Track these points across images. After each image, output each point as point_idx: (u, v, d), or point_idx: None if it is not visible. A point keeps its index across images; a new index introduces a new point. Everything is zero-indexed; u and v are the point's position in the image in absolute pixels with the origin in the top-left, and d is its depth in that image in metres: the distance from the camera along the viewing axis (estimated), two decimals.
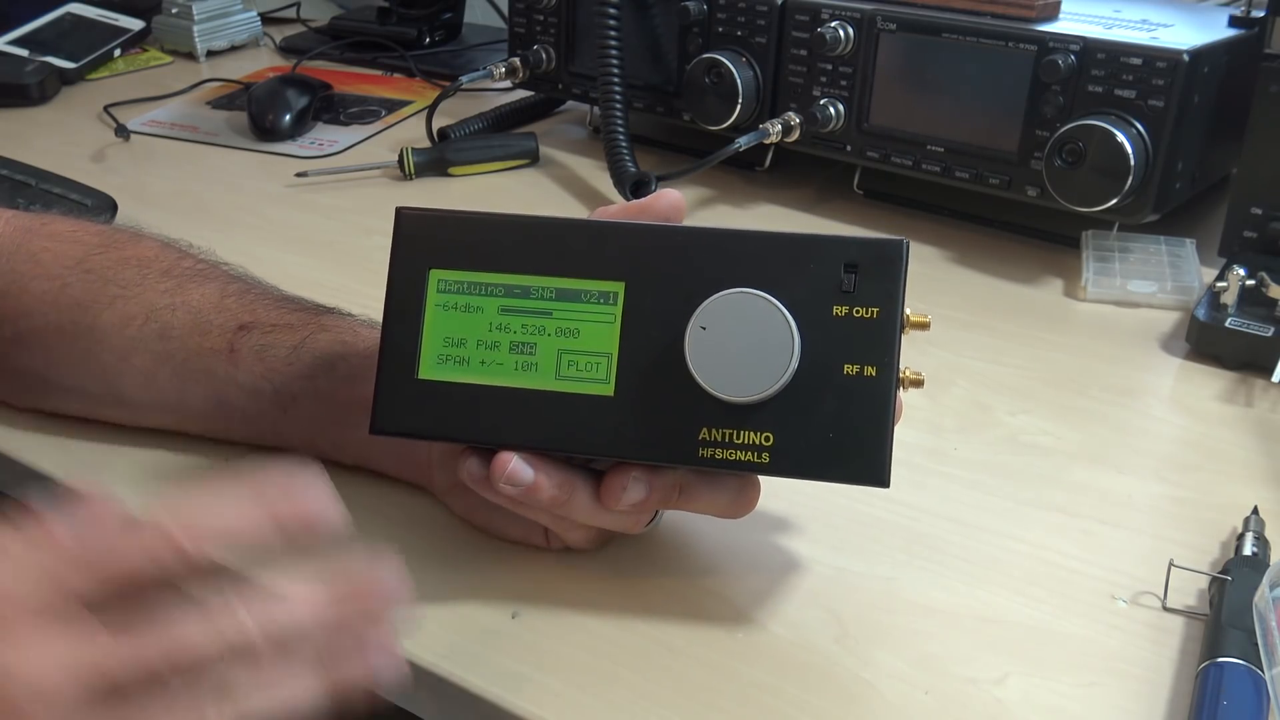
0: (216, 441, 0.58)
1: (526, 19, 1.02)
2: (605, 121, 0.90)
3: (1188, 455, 0.61)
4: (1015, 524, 0.55)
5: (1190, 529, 0.55)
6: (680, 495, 0.47)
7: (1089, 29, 0.78)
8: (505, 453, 0.45)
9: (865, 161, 0.87)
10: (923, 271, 0.80)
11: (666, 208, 0.49)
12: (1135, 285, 0.77)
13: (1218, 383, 0.68)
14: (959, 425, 0.63)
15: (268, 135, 1.04)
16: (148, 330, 0.56)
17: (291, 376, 0.55)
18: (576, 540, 0.51)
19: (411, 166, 0.96)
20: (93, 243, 0.59)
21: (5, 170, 0.85)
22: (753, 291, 0.44)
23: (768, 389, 0.44)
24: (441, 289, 0.47)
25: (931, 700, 0.45)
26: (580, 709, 0.45)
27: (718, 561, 0.52)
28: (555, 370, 0.46)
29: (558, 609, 0.49)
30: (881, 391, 0.44)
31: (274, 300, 0.58)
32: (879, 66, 0.84)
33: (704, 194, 0.93)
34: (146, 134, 1.06)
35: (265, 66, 1.27)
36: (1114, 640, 0.48)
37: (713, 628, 0.48)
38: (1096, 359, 0.70)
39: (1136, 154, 0.74)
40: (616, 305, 0.46)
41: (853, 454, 0.44)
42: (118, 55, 1.25)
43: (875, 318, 0.44)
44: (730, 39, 0.90)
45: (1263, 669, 0.44)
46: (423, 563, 0.52)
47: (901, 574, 0.52)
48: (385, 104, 1.14)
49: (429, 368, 0.47)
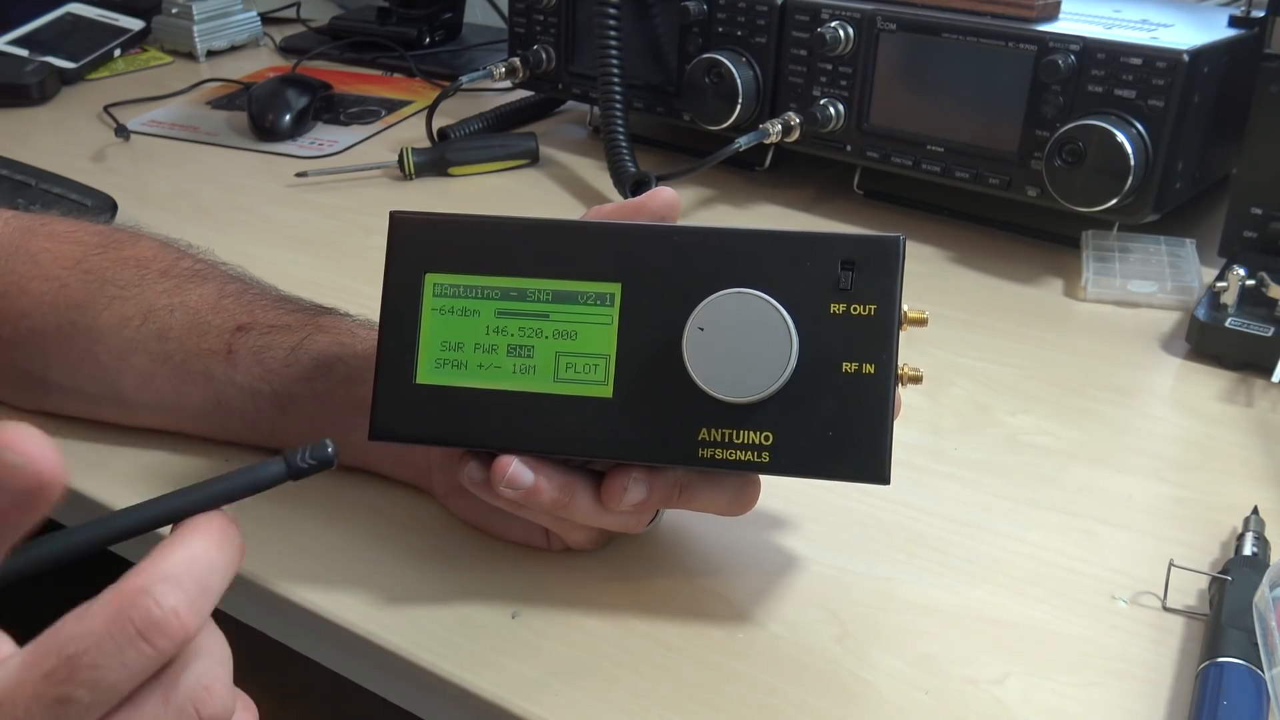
0: (215, 442, 0.58)
1: (526, 19, 1.02)
2: (605, 121, 0.90)
3: (1188, 455, 0.61)
4: (1015, 524, 0.55)
5: (1190, 529, 0.55)
6: (681, 495, 0.47)
7: (1089, 29, 0.78)
8: (505, 456, 0.45)
9: (865, 161, 0.87)
10: (922, 271, 0.80)
11: (661, 206, 0.49)
12: (1135, 285, 0.77)
13: (1218, 383, 0.68)
14: (959, 425, 0.63)
15: (268, 135, 1.04)
16: (146, 331, 0.56)
17: (289, 378, 0.54)
18: (577, 541, 0.51)
19: (411, 166, 0.96)
20: (91, 243, 0.59)
21: (5, 170, 0.85)
22: (750, 291, 0.44)
23: (766, 388, 0.44)
24: (437, 293, 0.47)
25: (931, 700, 0.45)
26: (580, 709, 0.45)
27: (718, 561, 0.52)
28: (553, 373, 0.46)
29: (558, 609, 0.49)
30: (880, 388, 0.44)
31: (272, 301, 0.58)
32: (879, 66, 0.84)
33: (704, 194, 0.93)
34: (146, 134, 1.06)
35: (265, 66, 1.26)
36: (1114, 640, 0.48)
37: (713, 628, 0.48)
38: (1096, 359, 0.70)
39: (1136, 154, 0.74)
40: (613, 307, 0.46)
41: (853, 451, 0.44)
42: (118, 55, 1.25)
43: (873, 315, 0.44)
44: (730, 39, 0.90)
45: (1263, 669, 0.44)
46: (423, 563, 0.52)
47: (901, 574, 0.52)
48: (385, 104, 1.14)
49: (427, 372, 0.47)
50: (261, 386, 0.55)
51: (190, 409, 0.57)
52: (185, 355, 0.56)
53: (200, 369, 0.56)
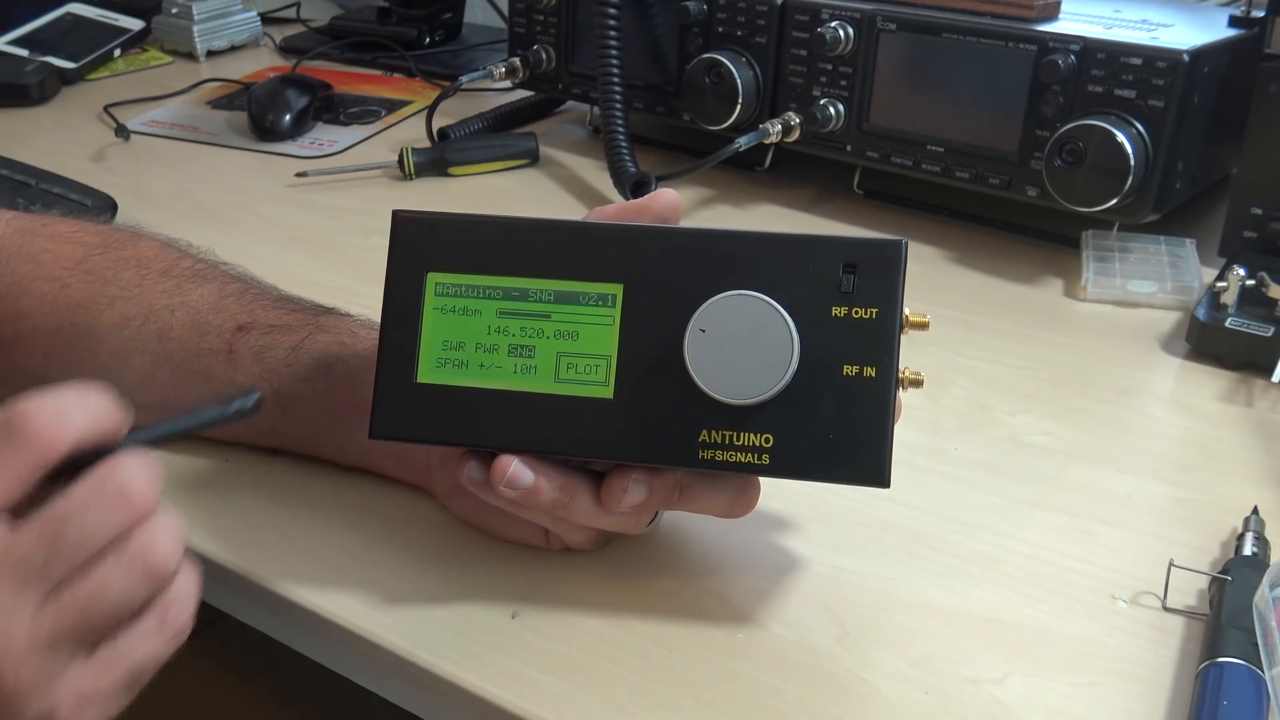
0: (216, 442, 0.58)
1: (526, 19, 1.02)
2: (605, 121, 0.90)
3: (1188, 455, 0.61)
4: (1015, 524, 0.55)
5: (1190, 529, 0.55)
6: (680, 496, 0.47)
7: (1089, 29, 0.78)
8: (505, 456, 0.45)
9: (865, 161, 0.87)
10: (923, 271, 0.80)
11: (664, 207, 0.49)
12: (1135, 285, 0.77)
13: (1218, 383, 0.68)
14: (959, 425, 0.63)
15: (268, 135, 1.04)
16: (146, 331, 0.56)
17: (290, 378, 0.55)
18: (577, 541, 0.51)
19: (411, 166, 0.96)
20: (92, 243, 0.59)
21: (5, 170, 0.85)
22: (752, 293, 0.44)
23: (767, 391, 0.44)
24: (439, 292, 0.47)
25: (931, 700, 0.45)
26: (580, 709, 0.45)
27: (718, 561, 0.52)
28: (554, 373, 0.46)
29: (558, 609, 0.49)
30: (881, 392, 0.44)
31: (272, 301, 0.58)
32: (879, 66, 0.84)
33: (704, 194, 0.93)
34: (146, 134, 1.06)
35: (265, 66, 1.27)
36: (1114, 640, 0.48)
37: (713, 628, 0.48)
38: (1096, 359, 0.70)
39: (1136, 154, 0.74)
40: (615, 308, 0.46)
41: (853, 454, 0.44)
42: (118, 55, 1.25)
43: (874, 318, 0.44)
44: (730, 39, 0.90)
45: (1263, 669, 0.44)
46: (423, 563, 0.52)
47: (901, 574, 0.52)
48: (385, 104, 1.14)
49: (428, 371, 0.47)
50: (262, 386, 0.55)
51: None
52: (186, 355, 0.56)
53: (201, 369, 0.56)
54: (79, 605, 0.37)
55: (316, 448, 0.56)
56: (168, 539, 0.39)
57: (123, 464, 0.38)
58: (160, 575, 0.39)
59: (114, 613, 0.38)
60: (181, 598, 0.40)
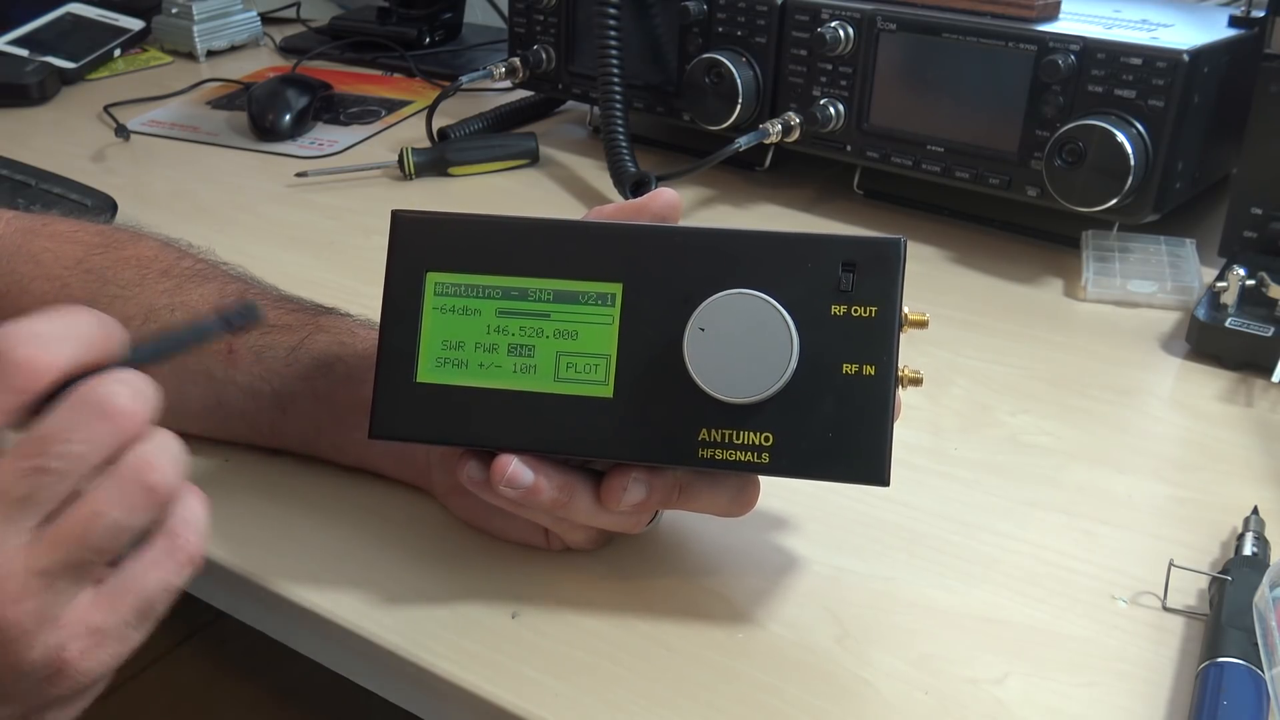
0: (216, 442, 0.58)
1: (526, 19, 1.02)
2: (605, 121, 0.90)
3: (1188, 455, 0.61)
4: (1015, 524, 0.55)
5: (1190, 529, 0.55)
6: (680, 495, 0.47)
7: (1089, 29, 0.78)
8: (505, 456, 0.45)
9: (865, 161, 0.87)
10: (923, 271, 0.80)
11: (663, 207, 0.49)
12: (1135, 285, 0.77)
13: (1218, 383, 0.68)
14: (959, 425, 0.63)
15: (268, 135, 1.04)
16: (146, 331, 0.56)
17: (290, 377, 0.55)
18: (577, 541, 0.51)
19: (411, 166, 0.96)
20: (92, 243, 0.59)
21: (5, 170, 0.85)
22: (751, 292, 0.44)
23: (767, 389, 0.44)
24: (439, 292, 0.47)
25: (931, 700, 0.45)
26: (580, 709, 0.45)
27: (718, 561, 0.52)
28: (554, 372, 0.46)
29: (558, 609, 0.49)
30: (880, 390, 0.44)
31: (272, 300, 0.58)
32: (879, 66, 0.84)
33: (704, 194, 0.93)
34: (146, 134, 1.06)
35: (265, 66, 1.27)
36: (1114, 640, 0.48)
37: (713, 628, 0.48)
38: (1096, 359, 0.70)
39: (1136, 154, 0.74)
40: (614, 307, 0.46)
41: (852, 453, 0.44)
42: (118, 55, 1.25)
43: (874, 316, 0.44)
44: (730, 39, 0.90)
45: (1263, 669, 0.44)
46: (423, 563, 0.52)
47: (901, 574, 0.52)
48: (385, 104, 1.14)
49: (427, 371, 0.47)
50: (262, 386, 0.55)
51: (191, 408, 0.57)
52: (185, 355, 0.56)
53: (201, 369, 0.56)
54: (74, 533, 0.35)
55: (316, 448, 0.56)
56: (164, 457, 0.37)
57: (104, 380, 0.36)
58: (160, 495, 0.37)
59: (114, 538, 0.36)
60: (190, 521, 0.38)
